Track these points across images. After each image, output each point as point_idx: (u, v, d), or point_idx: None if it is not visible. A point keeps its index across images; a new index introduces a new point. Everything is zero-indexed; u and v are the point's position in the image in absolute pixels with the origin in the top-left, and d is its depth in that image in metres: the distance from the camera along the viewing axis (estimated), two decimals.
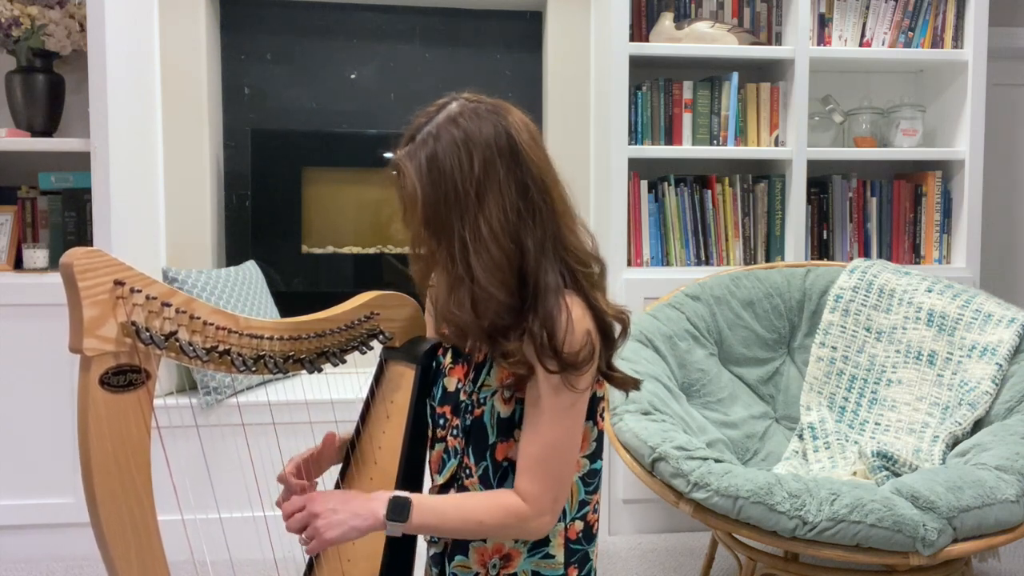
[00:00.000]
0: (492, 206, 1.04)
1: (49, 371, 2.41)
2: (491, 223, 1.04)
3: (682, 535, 2.67)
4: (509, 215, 1.04)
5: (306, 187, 2.93)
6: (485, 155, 1.05)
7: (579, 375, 1.04)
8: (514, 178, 1.06)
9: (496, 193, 1.04)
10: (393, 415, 1.29)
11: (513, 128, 1.07)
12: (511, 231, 1.04)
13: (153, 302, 1.00)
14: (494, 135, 1.06)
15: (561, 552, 1.15)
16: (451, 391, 1.18)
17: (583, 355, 1.03)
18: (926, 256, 2.87)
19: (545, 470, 1.07)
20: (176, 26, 2.73)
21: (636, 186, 2.71)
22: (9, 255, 2.61)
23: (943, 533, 1.61)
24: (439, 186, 1.05)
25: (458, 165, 1.04)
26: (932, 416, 2.17)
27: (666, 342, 2.26)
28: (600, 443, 1.18)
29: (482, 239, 1.03)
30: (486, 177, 1.04)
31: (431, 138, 1.06)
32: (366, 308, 1.27)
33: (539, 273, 1.05)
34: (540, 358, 1.03)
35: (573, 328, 1.03)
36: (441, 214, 1.06)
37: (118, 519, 0.97)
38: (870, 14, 2.82)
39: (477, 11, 3.00)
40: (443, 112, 1.08)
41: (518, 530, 1.09)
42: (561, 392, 1.05)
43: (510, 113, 1.10)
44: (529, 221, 1.06)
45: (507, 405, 1.11)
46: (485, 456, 1.13)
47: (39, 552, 2.46)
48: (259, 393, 2.56)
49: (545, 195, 1.08)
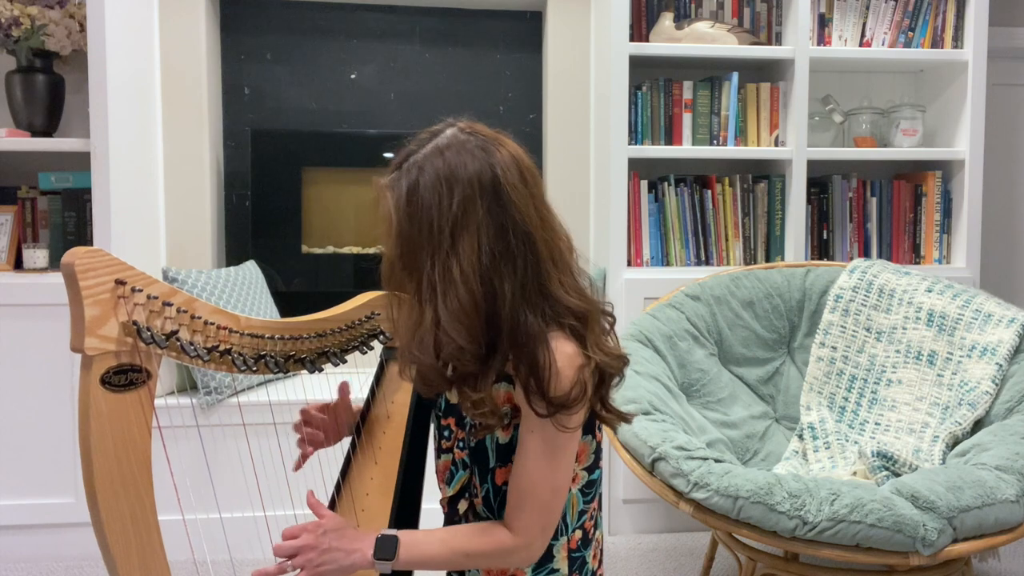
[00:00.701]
0: (466, 247, 1.00)
1: (49, 371, 2.40)
2: (462, 264, 1.00)
3: (682, 535, 2.67)
4: (483, 258, 1.00)
5: (306, 187, 2.93)
6: (466, 193, 1.01)
7: (570, 415, 1.01)
8: (494, 220, 1.01)
9: (472, 234, 1.00)
10: (394, 415, 1.29)
11: (500, 167, 1.02)
12: (483, 274, 1.00)
13: (154, 302, 1.00)
14: (478, 173, 1.02)
15: (565, 564, 1.15)
16: (454, 403, 1.16)
17: (574, 394, 1.00)
18: (926, 256, 2.87)
19: (533, 503, 1.05)
20: (176, 26, 2.73)
21: (636, 186, 2.71)
22: (9, 255, 2.61)
23: (943, 533, 1.61)
24: (415, 220, 1.02)
25: (436, 201, 1.01)
26: (932, 416, 2.17)
27: (666, 342, 2.26)
28: (598, 454, 1.17)
29: (452, 280, 1.00)
30: (464, 216, 1.00)
31: (416, 168, 1.03)
32: (367, 308, 1.28)
33: (516, 318, 1.00)
34: (529, 402, 1.01)
35: (558, 371, 0.99)
36: (414, 250, 1.03)
37: (119, 518, 0.97)
38: (870, 14, 2.82)
39: (477, 11, 3.00)
40: (433, 142, 1.05)
41: (504, 561, 1.09)
42: (551, 433, 1.03)
43: (501, 149, 1.04)
44: (506, 266, 1.01)
45: (505, 432, 1.09)
46: (487, 479, 1.12)
47: (39, 552, 2.46)
48: (259, 393, 2.56)
49: (527, 240, 1.02)
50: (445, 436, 1.18)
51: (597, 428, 1.15)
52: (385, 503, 1.20)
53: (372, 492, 1.24)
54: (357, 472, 1.28)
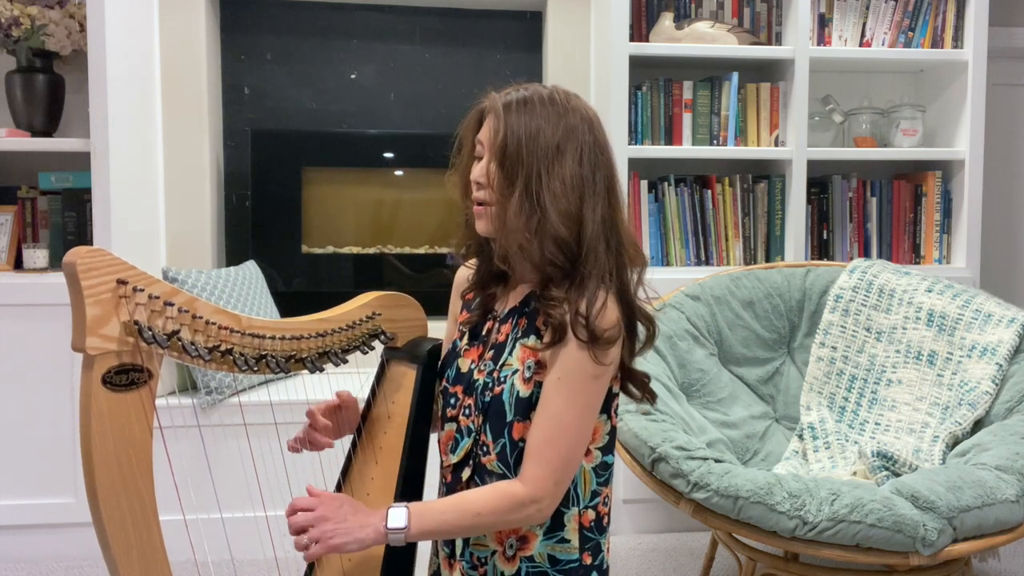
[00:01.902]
0: (569, 164, 1.10)
1: (49, 371, 2.40)
2: (564, 178, 1.09)
3: (682, 535, 2.67)
4: (579, 180, 1.10)
5: (306, 187, 2.93)
6: (570, 120, 1.11)
7: (606, 349, 1.07)
8: (588, 151, 1.12)
9: (574, 155, 1.10)
10: (394, 415, 1.29)
11: (595, 120, 1.15)
12: (579, 194, 1.10)
13: (156, 301, 1.00)
14: (581, 112, 1.14)
15: (576, 536, 1.16)
16: (464, 371, 1.21)
17: (610, 333, 1.07)
18: (926, 256, 2.87)
19: (553, 451, 1.08)
20: (176, 26, 2.73)
21: (636, 186, 2.71)
22: (9, 255, 2.61)
23: (943, 533, 1.61)
24: (527, 128, 1.10)
25: (547, 118, 1.10)
26: (932, 416, 2.17)
27: (666, 342, 2.26)
28: (612, 438, 1.19)
29: (554, 191, 1.09)
30: (566, 138, 1.11)
31: (526, 92, 1.13)
32: (368, 308, 1.27)
33: (595, 246, 1.10)
34: (573, 326, 1.07)
35: (606, 307, 1.07)
36: (522, 155, 1.10)
37: (120, 518, 0.97)
38: (870, 14, 2.82)
39: (477, 11, 3.00)
40: (534, 85, 1.16)
41: (516, 516, 1.09)
42: (584, 365, 1.07)
43: (589, 108, 1.17)
44: (594, 194, 1.11)
45: (527, 385, 1.12)
46: (503, 434, 1.14)
47: (39, 552, 2.46)
48: (260, 393, 2.56)
49: (609, 179, 1.14)
50: (451, 405, 1.21)
51: (614, 411, 1.18)
52: (386, 503, 1.20)
53: (373, 492, 1.24)
54: (357, 472, 1.28)
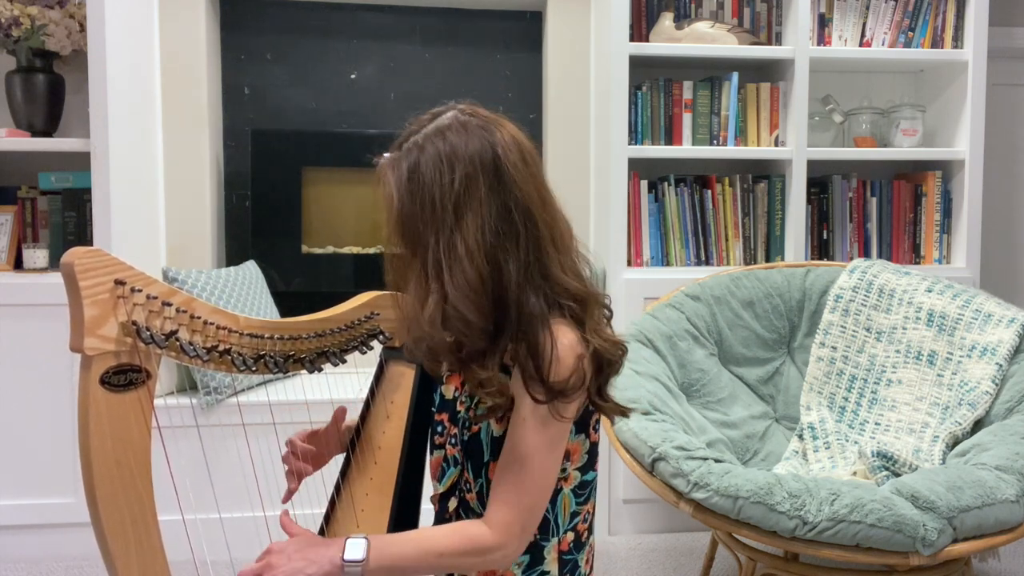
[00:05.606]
0: (470, 224, 1.00)
1: (49, 371, 2.40)
2: (467, 241, 1.00)
3: (682, 535, 2.67)
4: (487, 236, 1.01)
5: (306, 187, 2.93)
6: (467, 171, 1.02)
7: (567, 403, 1.01)
8: (496, 198, 1.02)
9: (475, 211, 1.01)
10: (393, 415, 1.29)
11: (501, 146, 1.04)
12: (488, 252, 1.01)
13: (154, 302, 1.00)
14: (479, 151, 1.03)
15: (556, 566, 1.13)
16: (448, 399, 1.17)
17: (572, 382, 1.00)
18: (926, 256, 2.87)
19: (518, 498, 1.03)
20: (176, 26, 2.73)
21: (636, 186, 2.71)
22: (9, 255, 2.61)
23: (943, 533, 1.60)
24: (417, 198, 1.03)
25: (438, 179, 1.02)
26: (932, 416, 2.17)
27: (666, 342, 2.26)
28: (592, 455, 1.14)
29: (457, 257, 1.00)
30: (466, 194, 1.01)
31: (416, 148, 1.04)
32: (366, 308, 1.28)
33: (520, 298, 1.01)
34: (527, 387, 1.00)
35: (559, 356, 1.00)
36: (417, 227, 1.03)
37: (118, 518, 0.97)
38: (870, 14, 2.82)
39: (477, 11, 3.00)
40: (434, 123, 1.06)
41: (479, 561, 1.04)
42: (547, 422, 1.02)
43: (501, 129, 1.06)
44: (510, 244, 1.02)
45: (500, 424, 1.08)
46: (481, 473, 1.11)
47: (39, 552, 2.46)
48: (259, 393, 2.56)
49: (528, 219, 1.03)
50: (438, 432, 1.18)
51: (592, 428, 1.13)
52: (385, 503, 1.20)
53: (372, 492, 1.24)
54: (357, 472, 1.28)
